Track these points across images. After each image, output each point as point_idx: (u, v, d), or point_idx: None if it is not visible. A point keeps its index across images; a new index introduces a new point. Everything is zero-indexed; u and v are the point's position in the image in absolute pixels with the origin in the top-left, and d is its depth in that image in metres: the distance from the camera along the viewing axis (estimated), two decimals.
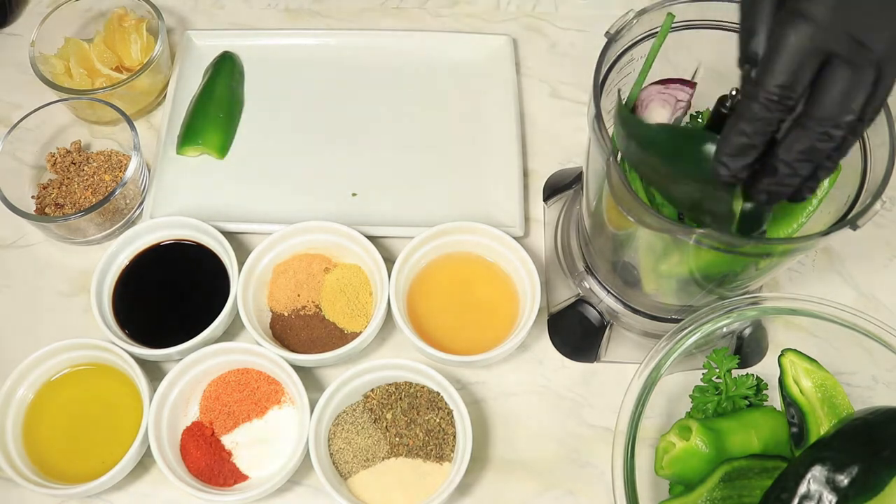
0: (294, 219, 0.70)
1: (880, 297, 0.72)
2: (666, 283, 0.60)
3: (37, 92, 0.77)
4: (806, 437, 0.55)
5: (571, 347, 0.69)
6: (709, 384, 0.60)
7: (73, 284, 0.72)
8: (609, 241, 0.61)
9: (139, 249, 0.70)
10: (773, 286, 0.72)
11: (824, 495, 0.49)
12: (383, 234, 0.72)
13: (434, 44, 0.83)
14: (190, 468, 0.62)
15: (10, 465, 0.60)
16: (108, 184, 0.73)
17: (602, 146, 0.50)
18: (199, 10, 0.87)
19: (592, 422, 0.66)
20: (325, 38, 0.84)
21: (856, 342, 0.58)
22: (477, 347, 0.65)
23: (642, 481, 0.55)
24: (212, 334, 0.65)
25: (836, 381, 0.56)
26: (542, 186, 0.76)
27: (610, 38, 0.53)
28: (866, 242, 0.74)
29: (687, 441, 0.55)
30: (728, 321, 0.58)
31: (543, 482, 0.64)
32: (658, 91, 0.58)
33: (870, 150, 0.52)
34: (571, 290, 0.68)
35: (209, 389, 0.65)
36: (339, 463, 0.62)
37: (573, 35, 0.86)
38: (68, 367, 0.65)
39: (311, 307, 0.69)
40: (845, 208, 0.52)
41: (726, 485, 0.54)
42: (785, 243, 0.50)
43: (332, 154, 0.77)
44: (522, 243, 0.68)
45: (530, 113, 0.81)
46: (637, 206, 0.49)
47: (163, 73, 0.80)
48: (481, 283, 0.70)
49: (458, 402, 0.62)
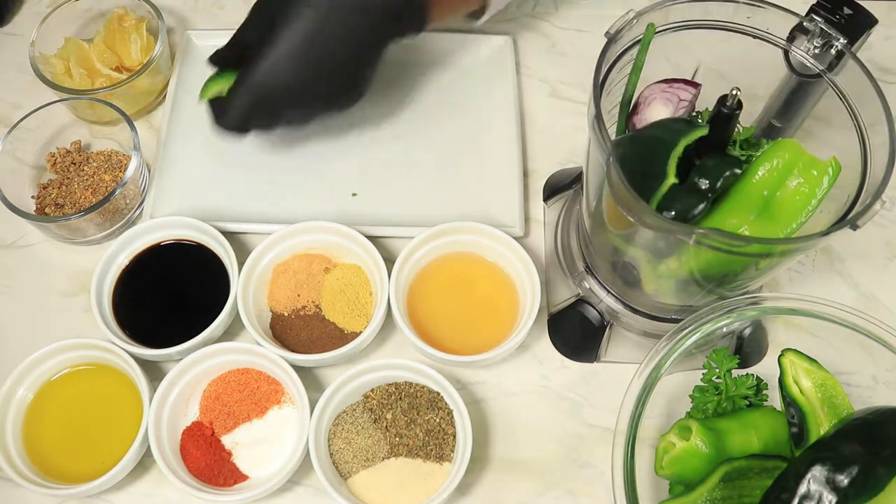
0: (294, 219, 0.70)
1: (880, 297, 0.72)
2: (666, 283, 0.60)
3: (37, 92, 0.77)
4: (806, 437, 0.55)
5: (571, 347, 0.69)
6: (709, 384, 0.60)
7: (73, 284, 0.72)
8: (609, 241, 0.61)
9: (139, 249, 0.70)
10: (773, 286, 0.72)
11: (824, 495, 0.49)
12: (383, 234, 0.72)
13: (434, 44, 0.83)
14: (190, 468, 0.62)
15: (10, 465, 0.60)
16: (108, 184, 0.73)
17: (602, 146, 0.50)
18: (199, 10, 0.87)
19: (592, 422, 0.66)
20: None
21: (856, 342, 0.58)
22: (477, 347, 0.65)
23: (642, 481, 0.55)
24: (212, 334, 0.65)
25: (836, 381, 0.56)
26: (542, 186, 0.76)
27: (610, 38, 0.53)
28: (866, 242, 0.74)
29: (687, 441, 0.55)
30: (728, 321, 0.58)
31: (543, 482, 0.64)
32: (661, 90, 0.58)
33: (870, 150, 0.52)
34: (571, 290, 0.68)
35: (209, 389, 0.65)
36: (339, 463, 0.62)
37: (573, 35, 0.86)
38: (68, 367, 0.65)
39: (311, 307, 0.68)
40: (845, 208, 0.52)
41: (726, 485, 0.54)
42: (785, 243, 0.50)
43: (333, 154, 0.77)
44: (522, 243, 0.68)
45: (530, 113, 0.81)
46: (637, 206, 0.49)
47: (163, 73, 0.80)
48: (481, 283, 0.70)
49: (458, 402, 0.62)
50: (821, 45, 0.55)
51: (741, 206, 0.54)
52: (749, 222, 0.53)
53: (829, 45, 0.55)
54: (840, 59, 0.55)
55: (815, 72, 0.56)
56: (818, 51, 0.56)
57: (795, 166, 0.53)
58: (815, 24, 0.55)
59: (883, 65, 0.84)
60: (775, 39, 0.57)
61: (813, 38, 0.55)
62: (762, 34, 0.57)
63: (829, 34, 0.55)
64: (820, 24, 0.55)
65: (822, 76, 0.56)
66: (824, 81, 0.56)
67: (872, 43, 0.58)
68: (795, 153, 0.53)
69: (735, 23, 0.57)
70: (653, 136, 0.53)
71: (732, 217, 0.53)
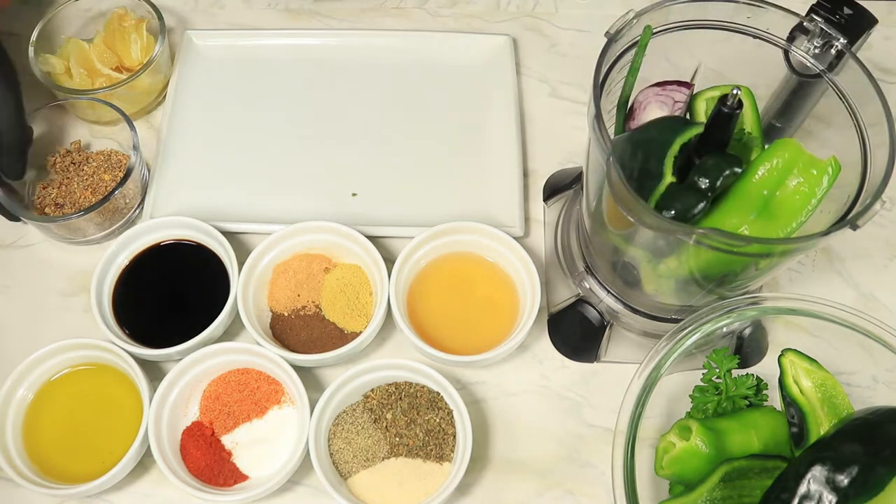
0: (294, 219, 0.70)
1: (880, 297, 0.72)
2: (666, 283, 0.60)
3: (37, 92, 0.77)
4: (806, 437, 0.55)
5: (571, 347, 0.69)
6: (709, 384, 0.60)
7: (73, 284, 0.72)
8: (609, 240, 0.61)
9: (139, 249, 0.70)
10: (773, 286, 0.72)
11: (824, 495, 0.49)
12: (383, 234, 0.72)
13: (434, 44, 0.83)
14: (190, 468, 0.62)
15: (10, 465, 0.60)
16: (108, 183, 0.73)
17: (602, 146, 0.50)
18: (199, 10, 0.87)
19: (592, 422, 0.66)
20: (325, 38, 0.84)
21: (856, 342, 0.58)
22: (477, 347, 0.65)
23: (642, 481, 0.55)
24: (212, 334, 0.65)
25: (836, 381, 0.56)
26: (542, 186, 0.76)
27: (610, 38, 0.53)
28: (866, 242, 0.74)
29: (687, 441, 0.55)
30: (728, 321, 0.58)
31: (543, 482, 0.64)
32: (655, 93, 0.58)
33: (870, 150, 0.52)
34: (571, 290, 0.68)
35: (209, 389, 0.65)
36: (339, 463, 0.62)
37: (573, 35, 0.86)
38: (68, 367, 0.65)
39: (311, 307, 0.68)
40: (845, 208, 0.52)
41: (726, 485, 0.54)
42: (785, 243, 0.50)
43: (333, 154, 0.77)
44: (522, 243, 0.68)
45: (530, 113, 0.81)
46: (637, 206, 0.49)
47: (162, 72, 0.80)
48: (481, 283, 0.70)
49: (458, 402, 0.62)
50: (821, 45, 0.55)
51: (741, 206, 0.54)
52: (749, 222, 0.53)
53: (829, 45, 0.55)
54: (840, 59, 0.55)
55: (815, 72, 0.56)
56: (818, 51, 0.56)
57: (795, 166, 0.53)
58: (815, 24, 0.55)
59: (883, 65, 0.84)
60: (775, 39, 0.57)
61: (813, 38, 0.55)
62: (762, 34, 0.57)
63: (829, 34, 0.55)
64: (820, 24, 0.55)
65: (822, 76, 0.56)
66: (824, 81, 0.56)
67: (872, 43, 0.58)
68: (795, 153, 0.53)
69: (735, 23, 0.57)
70: (649, 136, 0.53)
71: (732, 216, 0.53)
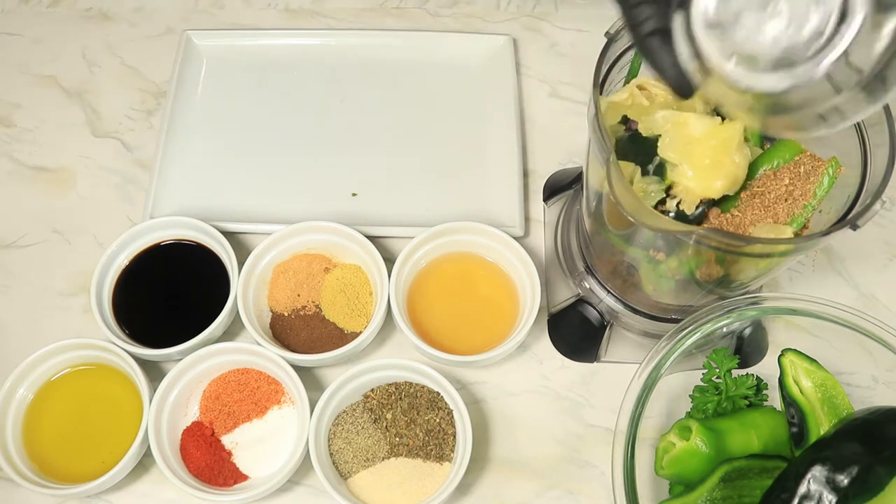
0: (294, 219, 0.70)
1: (880, 297, 0.72)
2: (666, 283, 0.60)
3: (37, 92, 0.77)
4: (806, 437, 0.55)
5: (571, 347, 0.69)
6: (709, 384, 0.60)
7: (73, 284, 0.72)
8: (609, 241, 0.61)
9: (139, 249, 0.70)
10: (773, 286, 0.72)
11: (824, 495, 0.49)
12: (383, 234, 0.72)
13: (434, 44, 0.83)
14: (190, 468, 0.62)
15: (10, 465, 0.60)
16: None
17: (602, 146, 0.50)
18: (199, 10, 0.87)
19: (592, 422, 0.66)
20: (325, 38, 0.84)
21: (856, 342, 0.58)
22: (477, 347, 0.65)
23: (642, 481, 0.55)
24: (212, 334, 0.65)
25: (836, 381, 0.56)
26: (542, 186, 0.76)
27: (610, 38, 0.53)
28: (866, 242, 0.74)
29: (687, 441, 0.55)
30: (728, 321, 0.58)
31: (543, 482, 0.64)
32: None
33: (870, 150, 0.52)
34: (571, 290, 0.68)
35: (209, 389, 0.65)
36: (339, 463, 0.62)
37: (573, 35, 0.86)
38: (68, 367, 0.65)
39: (311, 307, 0.68)
40: (845, 208, 0.52)
41: (726, 485, 0.54)
42: (785, 243, 0.50)
43: (333, 154, 0.77)
44: (522, 243, 0.68)
45: (530, 113, 0.81)
46: (637, 206, 0.49)
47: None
48: (481, 284, 0.70)
49: (458, 402, 0.62)
50: None
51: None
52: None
53: None
54: None
55: None
56: None
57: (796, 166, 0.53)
58: None
59: None
60: None
61: None
62: None
63: None
64: None
65: None
66: None
67: None
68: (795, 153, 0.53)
69: None
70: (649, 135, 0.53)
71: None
